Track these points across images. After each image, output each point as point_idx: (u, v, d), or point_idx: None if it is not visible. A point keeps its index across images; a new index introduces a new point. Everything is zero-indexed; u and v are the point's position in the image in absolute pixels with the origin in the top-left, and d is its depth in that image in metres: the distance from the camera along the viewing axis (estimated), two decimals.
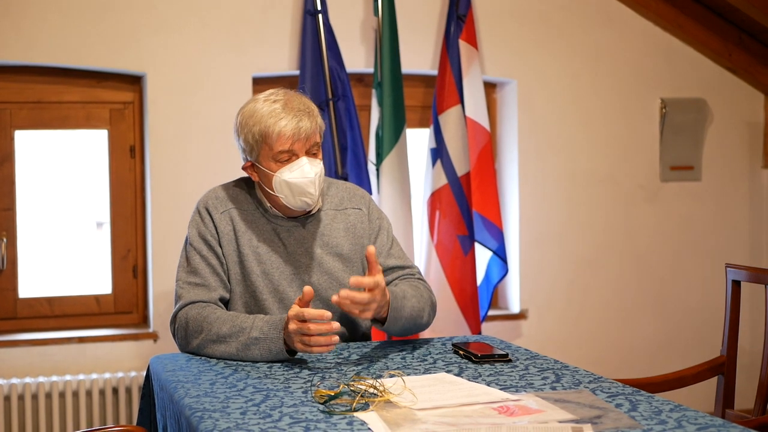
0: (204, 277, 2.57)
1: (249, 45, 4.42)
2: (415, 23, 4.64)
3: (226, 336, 2.43)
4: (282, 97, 2.58)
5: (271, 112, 2.55)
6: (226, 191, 2.69)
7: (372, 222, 2.74)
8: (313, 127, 2.55)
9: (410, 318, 2.54)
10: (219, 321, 2.46)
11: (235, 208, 2.64)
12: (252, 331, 2.40)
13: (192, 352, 2.52)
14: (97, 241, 4.58)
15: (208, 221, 2.62)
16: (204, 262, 2.58)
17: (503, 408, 1.92)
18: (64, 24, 4.18)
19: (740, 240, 5.24)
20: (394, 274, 2.69)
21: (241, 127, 2.60)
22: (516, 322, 4.88)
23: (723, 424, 1.79)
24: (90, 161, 4.49)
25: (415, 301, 2.55)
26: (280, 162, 2.55)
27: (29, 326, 4.31)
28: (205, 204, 2.66)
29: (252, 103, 2.61)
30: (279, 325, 2.38)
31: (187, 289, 2.56)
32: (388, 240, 2.75)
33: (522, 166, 4.85)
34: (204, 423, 1.87)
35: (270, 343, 2.38)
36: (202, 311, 2.50)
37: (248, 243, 2.60)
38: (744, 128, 5.23)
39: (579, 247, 4.96)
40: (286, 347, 2.37)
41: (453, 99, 4.50)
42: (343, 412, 1.91)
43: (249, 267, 2.59)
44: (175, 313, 2.55)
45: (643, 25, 5.02)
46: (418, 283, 2.66)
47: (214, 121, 4.37)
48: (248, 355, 2.41)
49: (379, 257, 2.69)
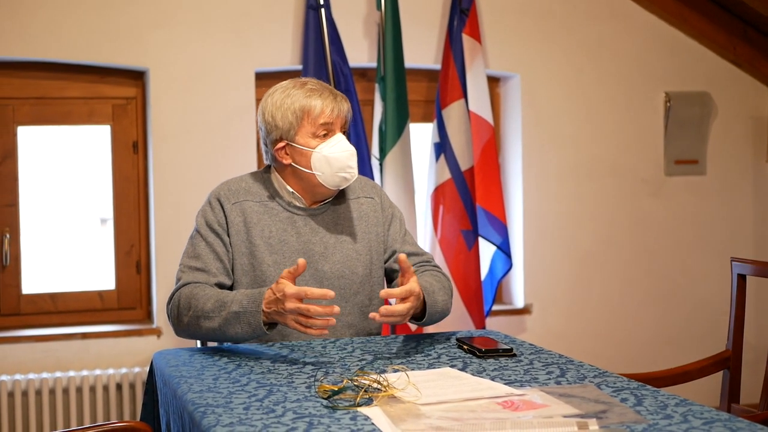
0: (205, 262, 2.58)
1: (252, 40, 4.41)
2: (418, 17, 4.63)
3: (209, 311, 2.45)
4: (315, 83, 2.64)
5: (310, 91, 2.61)
6: (239, 183, 2.70)
7: (385, 210, 2.76)
8: (349, 108, 2.65)
9: (442, 311, 2.60)
10: (205, 297, 2.48)
11: (247, 200, 2.65)
12: (232, 305, 2.41)
13: (183, 332, 2.54)
14: (100, 237, 4.57)
15: (218, 211, 2.64)
16: (208, 248, 2.60)
17: (508, 403, 1.92)
18: (67, 20, 4.17)
19: (745, 234, 5.23)
20: (410, 260, 2.71)
21: (276, 108, 2.61)
22: (520, 317, 4.87)
23: (729, 419, 1.78)
24: (93, 157, 4.49)
25: (443, 294, 2.60)
26: (319, 137, 2.58)
27: (33, 322, 4.31)
28: (217, 195, 2.67)
29: (283, 88, 2.64)
30: (258, 299, 2.38)
31: (187, 272, 2.58)
32: (401, 228, 2.78)
33: (525, 161, 4.84)
34: (207, 418, 1.86)
35: (249, 317, 2.38)
36: (194, 290, 2.52)
37: (260, 234, 2.61)
38: (749, 122, 5.21)
39: (583, 242, 4.95)
40: (265, 321, 2.37)
41: (456, 93, 4.49)
42: (346, 407, 1.90)
43: (260, 257, 2.60)
44: (171, 295, 2.58)
45: (647, 19, 5.01)
46: (438, 273, 2.70)
47: (217, 117, 4.36)
48: (230, 331, 2.42)
49: (395, 244, 2.74)
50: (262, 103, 2.67)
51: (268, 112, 2.63)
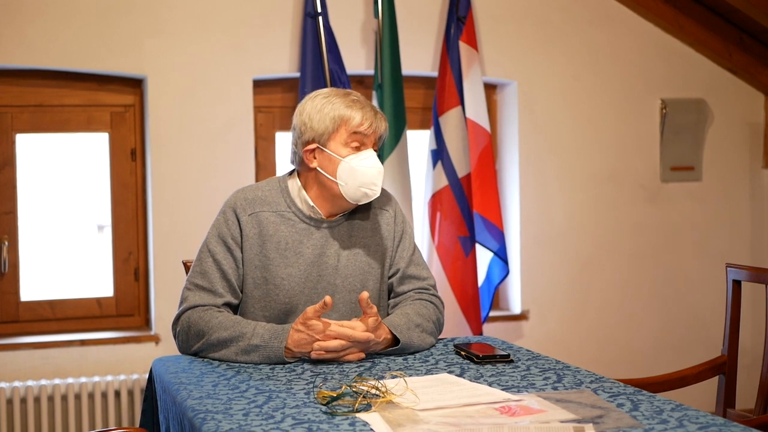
0: (212, 281, 2.55)
1: (249, 47, 4.42)
2: (415, 25, 4.64)
3: (226, 341, 2.43)
4: (359, 96, 2.64)
5: (352, 102, 2.60)
6: (255, 192, 2.65)
7: (397, 225, 2.73)
8: (386, 128, 2.64)
9: (417, 348, 2.54)
10: (220, 326, 2.45)
11: (264, 210, 2.61)
12: (252, 338, 2.40)
13: (193, 354, 2.52)
14: (99, 244, 4.58)
15: (232, 222, 2.60)
16: (215, 266, 2.56)
17: (505, 408, 1.93)
18: (65, 28, 4.18)
19: (741, 240, 5.24)
20: (410, 284, 2.69)
21: (316, 111, 2.59)
22: (517, 323, 4.88)
23: (724, 423, 1.79)
24: (91, 164, 4.50)
25: (419, 331, 2.55)
26: (350, 148, 2.57)
27: (31, 329, 4.31)
28: (233, 205, 2.62)
29: (326, 94, 2.63)
30: (282, 335, 2.38)
31: (194, 291, 2.55)
32: (410, 246, 2.74)
33: (522, 167, 4.85)
34: (207, 425, 1.87)
35: (269, 351, 2.38)
36: (204, 315, 2.49)
37: (275, 246, 2.58)
38: (744, 128, 5.23)
39: (580, 248, 4.97)
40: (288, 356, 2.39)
41: (453, 100, 4.51)
42: (345, 413, 1.91)
43: (274, 270, 2.57)
44: (178, 316, 2.55)
45: (643, 26, 5.03)
46: (428, 305, 2.65)
47: (215, 124, 4.37)
48: (246, 360, 2.41)
49: (401, 262, 2.70)
50: (300, 104, 2.64)
51: (306, 113, 2.60)
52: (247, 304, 2.59)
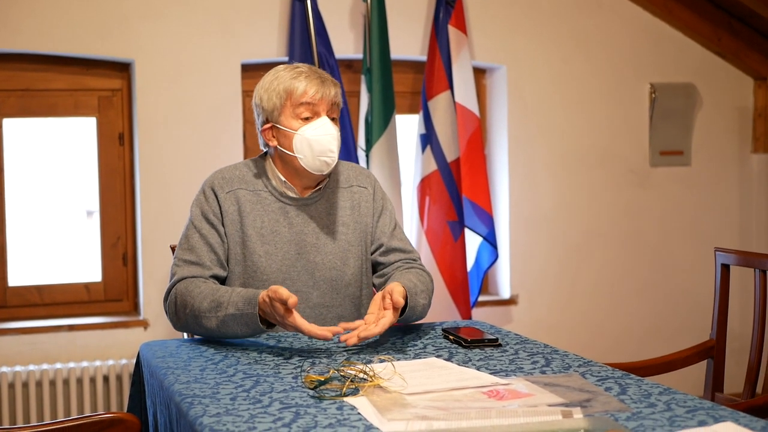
0: (199, 255, 2.57)
1: (238, 31, 4.40)
2: (403, 9, 4.62)
3: (206, 311, 2.44)
4: (306, 67, 2.63)
5: (297, 73, 2.60)
6: (233, 171, 2.68)
7: (376, 201, 2.74)
8: (336, 93, 2.61)
9: (420, 315, 2.55)
10: (201, 295, 2.47)
11: (241, 189, 2.64)
12: (228, 307, 2.40)
13: (183, 328, 2.54)
14: (87, 229, 4.56)
15: (212, 200, 2.63)
16: (202, 240, 2.59)
17: (493, 392, 1.93)
18: (52, 11, 4.15)
19: (730, 224, 5.26)
20: (395, 255, 2.71)
21: (264, 90, 2.62)
22: (506, 308, 4.89)
23: (712, 407, 1.79)
24: (79, 149, 4.47)
25: (424, 296, 2.54)
26: (302, 120, 2.57)
27: (19, 315, 4.30)
28: (211, 184, 2.66)
29: (274, 72, 2.65)
30: (254, 301, 2.37)
31: (182, 266, 2.57)
32: (390, 221, 2.76)
33: (512, 152, 4.85)
34: (194, 409, 1.87)
35: (246, 318, 2.38)
36: (189, 285, 2.51)
37: (252, 223, 2.60)
38: (733, 113, 5.24)
39: (569, 233, 4.97)
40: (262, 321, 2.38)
41: (442, 85, 4.50)
42: (333, 397, 1.91)
43: (252, 247, 2.59)
44: (168, 290, 2.57)
45: (633, 10, 5.02)
46: (422, 273, 2.65)
47: (202, 108, 4.35)
48: (229, 331, 2.43)
49: (382, 237, 2.72)
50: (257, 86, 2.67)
51: (257, 95, 2.64)
52: (231, 280, 2.62)
